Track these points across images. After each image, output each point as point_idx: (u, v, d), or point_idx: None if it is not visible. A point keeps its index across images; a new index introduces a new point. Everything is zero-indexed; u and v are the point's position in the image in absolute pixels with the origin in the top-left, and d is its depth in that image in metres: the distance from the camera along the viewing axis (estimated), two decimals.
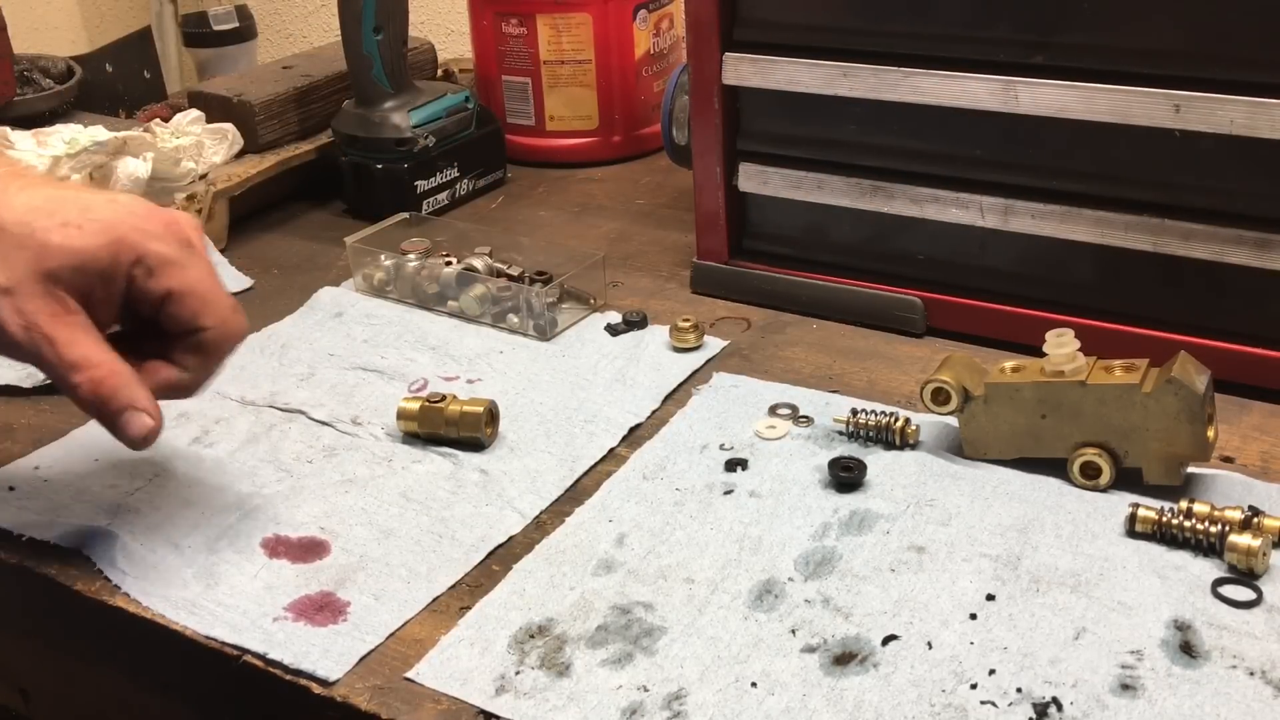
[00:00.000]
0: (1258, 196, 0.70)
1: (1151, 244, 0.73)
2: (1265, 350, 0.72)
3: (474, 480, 0.70)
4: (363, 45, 1.02)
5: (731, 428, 0.73)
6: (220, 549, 0.65)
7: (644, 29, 1.15)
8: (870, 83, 0.79)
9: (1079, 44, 0.72)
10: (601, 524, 0.65)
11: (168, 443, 0.74)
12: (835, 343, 0.83)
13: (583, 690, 0.54)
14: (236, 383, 0.81)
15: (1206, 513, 0.60)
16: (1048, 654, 0.54)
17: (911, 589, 0.59)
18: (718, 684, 0.54)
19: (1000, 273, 0.80)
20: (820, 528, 0.64)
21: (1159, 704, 0.51)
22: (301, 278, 0.97)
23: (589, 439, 0.73)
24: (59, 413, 0.79)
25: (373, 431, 0.75)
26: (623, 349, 0.83)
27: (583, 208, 1.09)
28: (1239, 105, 0.68)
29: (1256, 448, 0.68)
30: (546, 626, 0.58)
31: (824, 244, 0.86)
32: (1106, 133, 0.72)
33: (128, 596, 0.62)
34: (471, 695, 0.55)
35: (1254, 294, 0.72)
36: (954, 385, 0.67)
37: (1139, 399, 0.63)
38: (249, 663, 0.58)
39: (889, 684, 0.53)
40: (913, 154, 0.80)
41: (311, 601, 0.61)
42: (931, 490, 0.66)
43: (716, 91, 0.85)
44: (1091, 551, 0.60)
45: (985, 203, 0.78)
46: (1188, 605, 0.57)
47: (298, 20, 1.81)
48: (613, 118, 1.16)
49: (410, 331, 0.87)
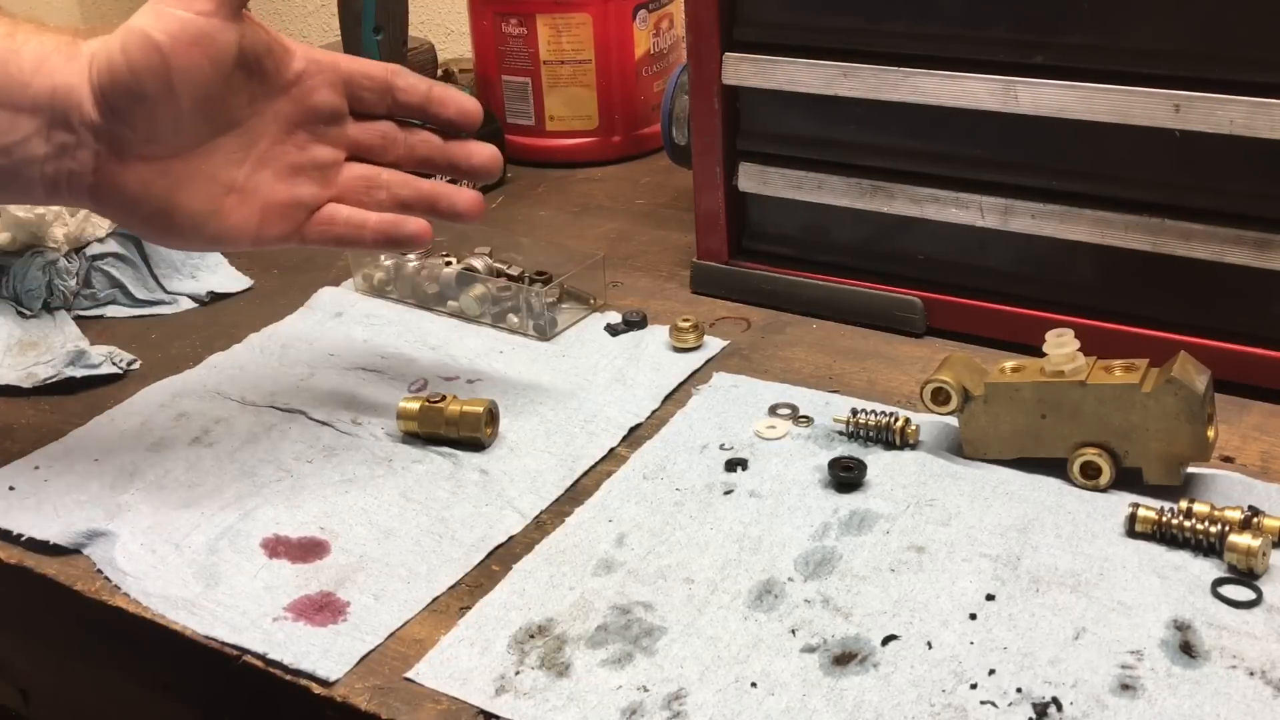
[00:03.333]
0: (1258, 196, 0.70)
1: (1151, 244, 0.73)
2: (1265, 350, 0.72)
3: (474, 480, 0.70)
4: (363, 45, 1.02)
5: (731, 428, 0.73)
6: (220, 549, 0.65)
7: (644, 29, 1.15)
8: (870, 83, 0.79)
9: (1079, 44, 0.72)
10: (601, 524, 0.65)
11: (168, 443, 0.74)
12: (835, 343, 0.83)
13: (583, 690, 0.54)
14: (236, 383, 0.81)
15: (1206, 513, 0.60)
16: (1047, 654, 0.54)
17: (911, 589, 0.59)
18: (718, 684, 0.54)
19: (1000, 273, 0.80)
20: (820, 528, 0.64)
21: (1159, 704, 0.51)
22: (301, 278, 0.97)
23: (589, 439, 0.73)
24: (59, 413, 0.79)
25: (373, 431, 0.75)
26: (623, 349, 0.83)
27: (583, 208, 1.09)
28: (1239, 105, 0.68)
29: (1256, 448, 0.68)
30: (546, 626, 0.58)
31: (824, 244, 0.86)
32: (1106, 133, 0.72)
33: (128, 596, 0.62)
34: (471, 695, 0.55)
35: (1254, 294, 0.72)
36: (954, 385, 0.67)
37: (1139, 399, 0.63)
38: (249, 663, 0.58)
39: (889, 684, 0.53)
40: (913, 154, 0.80)
41: (311, 601, 0.61)
42: (931, 490, 0.66)
43: (716, 91, 0.85)
44: (1091, 551, 0.60)
45: (985, 203, 0.78)
46: (1188, 605, 0.57)
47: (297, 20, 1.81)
48: (613, 118, 1.16)
49: (410, 331, 0.87)
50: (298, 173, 0.65)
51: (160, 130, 0.60)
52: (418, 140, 0.69)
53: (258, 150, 0.64)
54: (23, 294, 0.90)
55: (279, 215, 0.65)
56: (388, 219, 0.68)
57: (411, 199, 0.69)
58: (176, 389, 0.81)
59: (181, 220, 0.62)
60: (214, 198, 0.63)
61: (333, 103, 0.66)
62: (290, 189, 0.65)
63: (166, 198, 0.61)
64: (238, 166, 0.63)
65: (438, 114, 0.69)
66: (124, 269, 0.93)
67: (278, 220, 0.65)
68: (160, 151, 0.61)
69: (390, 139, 0.68)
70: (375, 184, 0.68)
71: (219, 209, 0.63)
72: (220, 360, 0.84)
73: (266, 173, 0.64)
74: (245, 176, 0.63)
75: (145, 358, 0.85)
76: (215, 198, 0.63)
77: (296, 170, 0.65)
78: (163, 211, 0.62)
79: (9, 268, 0.91)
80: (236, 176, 0.63)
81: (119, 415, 0.78)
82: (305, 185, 0.66)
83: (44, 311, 0.91)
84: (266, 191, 0.64)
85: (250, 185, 0.64)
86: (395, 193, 0.68)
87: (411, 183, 0.69)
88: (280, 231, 0.65)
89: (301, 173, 0.65)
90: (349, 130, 0.67)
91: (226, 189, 0.63)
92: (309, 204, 0.66)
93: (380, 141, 0.68)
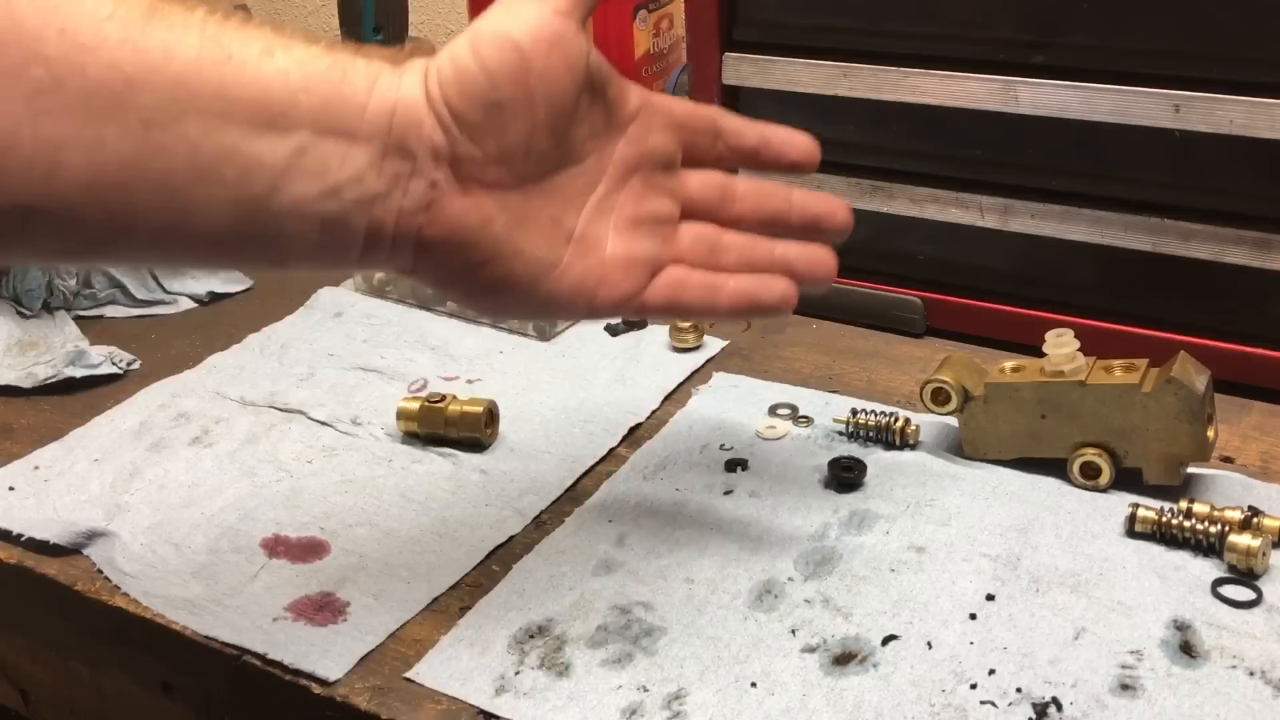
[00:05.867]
0: (1258, 196, 0.70)
1: (1151, 244, 0.73)
2: (1265, 350, 0.72)
3: (474, 480, 0.70)
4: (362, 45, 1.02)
5: (731, 428, 0.73)
6: (220, 549, 0.65)
7: (644, 29, 1.15)
8: (870, 83, 0.79)
9: (1079, 44, 0.72)
10: (601, 524, 0.65)
11: (168, 443, 0.74)
12: (835, 343, 0.83)
13: (583, 690, 0.54)
14: (236, 383, 0.81)
15: (1206, 513, 0.60)
16: (1047, 654, 0.54)
17: (911, 589, 0.59)
18: (717, 684, 0.54)
19: (1000, 273, 0.80)
20: (820, 528, 0.64)
21: (1159, 704, 0.51)
22: (301, 278, 0.96)
23: (589, 439, 0.73)
24: (59, 413, 0.79)
25: (373, 431, 0.75)
26: (623, 349, 0.83)
27: None
28: (1239, 105, 0.67)
29: (1256, 448, 0.68)
30: (546, 626, 0.58)
31: None
32: (1106, 133, 0.72)
33: (128, 596, 0.62)
34: (471, 695, 0.55)
35: (1254, 294, 0.72)
36: (954, 385, 0.67)
37: (1139, 399, 0.63)
38: (249, 663, 0.58)
39: (889, 684, 0.53)
40: (913, 154, 0.80)
41: (311, 601, 0.61)
42: (931, 490, 0.66)
43: (716, 91, 0.84)
44: (1091, 551, 0.60)
45: (985, 203, 0.78)
46: (1187, 605, 0.57)
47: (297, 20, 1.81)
48: None
49: (410, 331, 0.87)
50: (637, 226, 0.56)
51: (511, 148, 0.51)
52: (766, 192, 0.59)
53: (597, 196, 0.55)
54: (23, 294, 0.90)
55: (620, 273, 0.55)
56: (749, 282, 0.57)
57: (764, 264, 0.58)
58: (176, 389, 0.81)
59: (520, 269, 0.53)
60: (555, 245, 0.54)
61: (668, 148, 0.57)
62: (630, 244, 0.56)
63: (507, 237, 0.52)
64: (578, 212, 0.54)
65: (777, 159, 0.59)
66: (124, 269, 0.93)
67: (619, 278, 0.55)
68: (505, 178, 0.51)
69: (730, 193, 0.58)
70: (718, 246, 0.58)
71: (559, 259, 0.54)
72: (220, 360, 0.84)
73: (606, 223, 0.55)
74: (586, 225, 0.55)
75: (145, 358, 0.85)
76: (557, 245, 0.54)
77: (636, 224, 0.56)
78: (500, 257, 0.52)
79: (9, 268, 0.91)
80: (577, 223, 0.54)
81: (119, 415, 0.78)
82: (645, 241, 0.56)
83: (44, 311, 0.91)
84: (606, 245, 0.55)
85: (591, 236, 0.55)
86: (744, 255, 0.58)
87: (763, 245, 0.58)
88: (620, 294, 0.56)
89: (640, 226, 0.56)
90: (685, 183, 0.58)
91: (567, 237, 0.54)
92: (650, 263, 0.56)
93: (719, 196, 0.58)
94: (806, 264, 0.59)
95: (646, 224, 0.56)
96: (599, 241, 0.55)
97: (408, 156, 0.49)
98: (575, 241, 0.54)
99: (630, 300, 0.56)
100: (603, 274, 0.55)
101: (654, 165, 0.57)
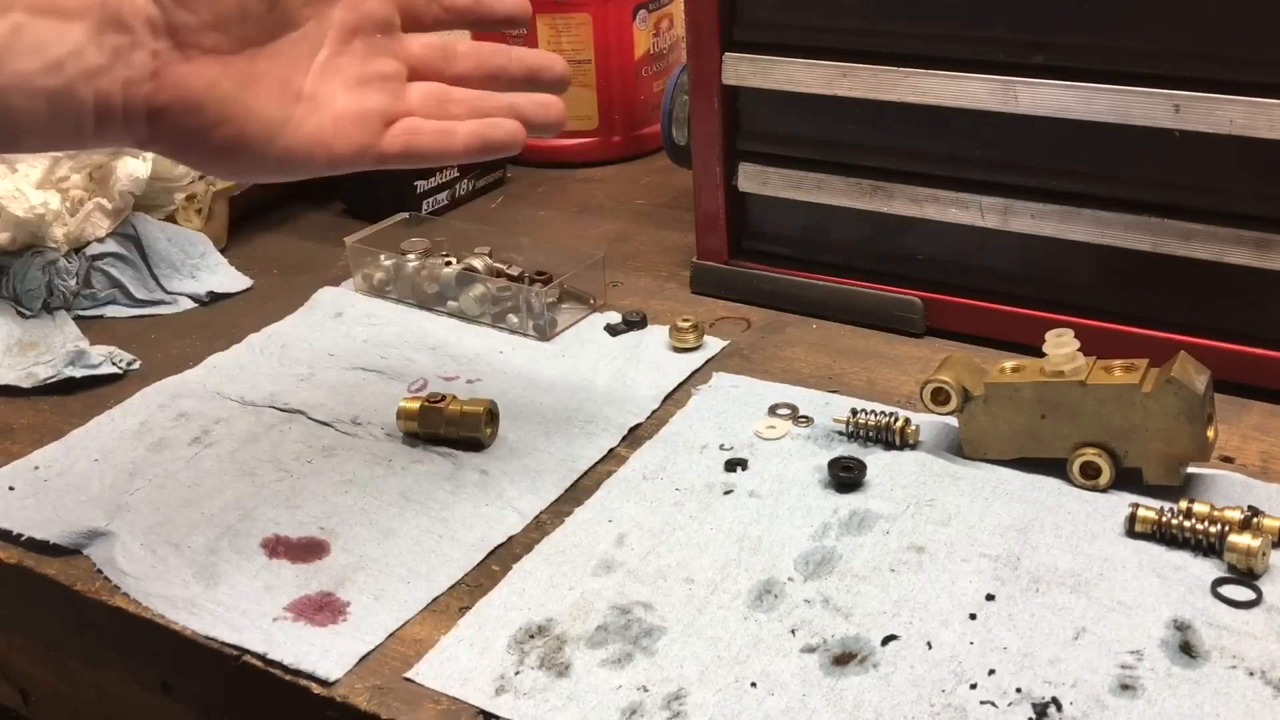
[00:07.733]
0: (1258, 196, 0.70)
1: (1151, 244, 0.73)
2: (1265, 350, 0.72)
3: (474, 480, 0.70)
4: None
5: (731, 428, 0.73)
6: (220, 549, 0.65)
7: (644, 29, 1.15)
8: (870, 83, 0.79)
9: (1079, 44, 0.72)
10: (601, 524, 0.65)
11: (168, 443, 0.74)
12: (835, 343, 0.83)
13: (582, 690, 0.54)
14: (236, 383, 0.81)
15: (1206, 513, 0.60)
16: (1047, 654, 0.54)
17: (911, 589, 0.59)
18: (717, 684, 0.54)
19: (1000, 273, 0.80)
20: (820, 528, 0.64)
21: (1159, 704, 0.51)
22: (301, 278, 0.97)
23: (589, 439, 0.73)
24: (59, 413, 0.79)
25: (373, 431, 0.75)
26: (622, 349, 0.83)
27: (582, 208, 1.09)
28: (1239, 105, 0.68)
29: (1256, 448, 0.68)
30: (546, 626, 0.58)
31: (824, 244, 0.86)
32: (1106, 133, 0.72)
33: (128, 596, 0.62)
34: (471, 695, 0.55)
35: (1254, 294, 0.72)
36: (954, 385, 0.67)
37: (1139, 399, 0.63)
38: (249, 663, 0.58)
39: (889, 684, 0.53)
40: (912, 154, 0.80)
41: (311, 601, 0.61)
42: (931, 490, 0.66)
43: (716, 91, 0.85)
44: (1091, 551, 0.60)
45: (985, 203, 0.78)
46: (1187, 605, 0.57)
47: None
48: (613, 118, 1.16)
49: (410, 331, 0.87)
50: (365, 84, 0.60)
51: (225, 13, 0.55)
52: (486, 50, 0.64)
53: (321, 58, 0.59)
54: (23, 294, 0.90)
55: (353, 125, 0.59)
56: (480, 124, 0.62)
57: (493, 112, 0.63)
58: (176, 389, 0.81)
59: (253, 128, 0.56)
60: (285, 103, 0.58)
61: (384, 11, 0.61)
62: (360, 100, 0.60)
63: (236, 98, 0.56)
64: (303, 74, 0.58)
65: (490, 13, 0.63)
66: (124, 269, 0.93)
67: (353, 130, 0.59)
68: (224, 43, 0.55)
69: (451, 53, 0.63)
70: (448, 99, 0.62)
71: (290, 117, 0.58)
72: (220, 360, 0.84)
73: (335, 83, 0.59)
74: (314, 84, 0.59)
75: (145, 358, 0.85)
76: (286, 104, 0.58)
77: (363, 82, 0.60)
78: (231, 117, 0.56)
79: (9, 268, 0.91)
80: (304, 84, 0.58)
81: (119, 415, 0.78)
82: (374, 96, 0.60)
83: (44, 311, 0.91)
84: (336, 101, 0.59)
85: (321, 94, 0.59)
86: (473, 106, 0.62)
87: (491, 96, 0.63)
88: (356, 144, 0.60)
89: (368, 84, 0.60)
90: (407, 45, 0.62)
91: (296, 96, 0.58)
92: (383, 115, 0.61)
93: (441, 56, 0.63)
94: (533, 107, 0.63)
95: (374, 82, 0.60)
96: (330, 98, 0.59)
97: (124, 29, 0.52)
98: (305, 100, 0.58)
99: (368, 150, 0.60)
100: (337, 127, 0.58)
101: (373, 28, 0.61)
